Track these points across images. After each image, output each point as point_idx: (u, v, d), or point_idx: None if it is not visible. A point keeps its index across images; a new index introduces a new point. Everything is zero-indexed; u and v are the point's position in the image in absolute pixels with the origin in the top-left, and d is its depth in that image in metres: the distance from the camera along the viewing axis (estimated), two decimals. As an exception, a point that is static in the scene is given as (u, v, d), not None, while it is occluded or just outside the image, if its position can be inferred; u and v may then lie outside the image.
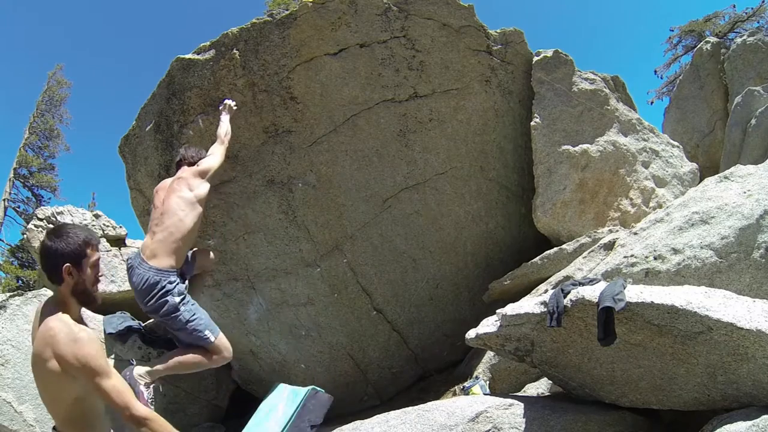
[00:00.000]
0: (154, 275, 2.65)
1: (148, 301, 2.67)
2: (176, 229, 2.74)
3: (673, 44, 15.13)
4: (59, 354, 1.57)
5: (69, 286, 1.71)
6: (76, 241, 1.71)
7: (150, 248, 2.73)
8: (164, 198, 2.91)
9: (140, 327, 5.23)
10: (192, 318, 2.73)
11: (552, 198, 4.21)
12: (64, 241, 1.69)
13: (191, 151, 3.15)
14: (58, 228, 1.75)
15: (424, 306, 4.26)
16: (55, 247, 1.68)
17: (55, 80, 16.81)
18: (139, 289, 2.69)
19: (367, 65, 3.65)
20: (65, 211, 6.80)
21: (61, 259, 1.68)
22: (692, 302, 1.79)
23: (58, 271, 1.68)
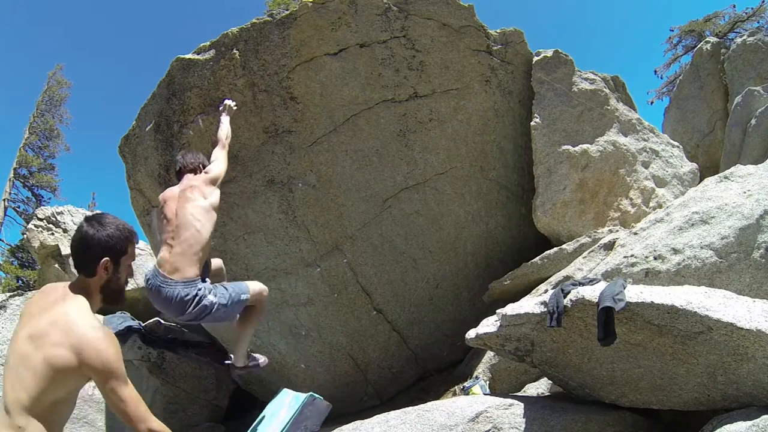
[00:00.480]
0: (183, 288, 2.61)
1: (185, 314, 2.64)
2: (195, 241, 2.69)
3: (673, 44, 15.13)
4: (78, 346, 1.40)
5: (101, 280, 1.56)
6: (120, 235, 1.56)
7: (170, 263, 2.65)
8: (176, 209, 2.77)
9: (140, 327, 5.23)
10: (227, 299, 2.73)
11: (552, 198, 4.21)
12: (107, 233, 1.54)
13: (190, 157, 3.03)
14: (99, 216, 1.59)
15: (424, 306, 4.26)
16: (98, 237, 1.52)
17: (55, 80, 16.81)
18: (173, 305, 2.63)
19: (367, 65, 3.65)
20: (65, 211, 6.80)
21: (102, 251, 1.53)
22: (692, 302, 1.79)
23: (94, 263, 1.52)
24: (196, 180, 2.91)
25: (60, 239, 6.44)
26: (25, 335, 1.45)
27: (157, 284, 2.64)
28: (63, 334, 1.41)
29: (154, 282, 2.67)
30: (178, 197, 2.84)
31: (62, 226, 6.58)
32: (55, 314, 1.46)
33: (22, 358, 1.42)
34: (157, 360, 4.95)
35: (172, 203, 2.84)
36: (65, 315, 1.46)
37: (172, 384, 4.92)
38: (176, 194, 2.86)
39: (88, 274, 1.55)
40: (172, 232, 2.73)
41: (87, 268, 1.55)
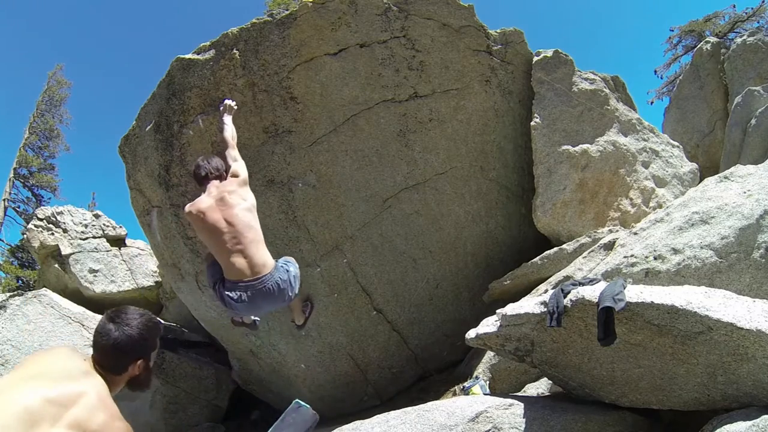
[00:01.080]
0: (277, 275, 2.75)
1: (292, 292, 2.82)
2: (259, 237, 2.82)
3: (673, 44, 15.13)
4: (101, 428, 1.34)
5: (130, 376, 1.52)
6: (150, 334, 1.52)
7: (254, 264, 2.72)
8: (225, 218, 2.78)
9: (140, 327, 5.23)
10: (294, 264, 2.95)
11: (552, 198, 4.21)
12: (139, 333, 1.49)
13: (215, 163, 3.00)
14: (124, 316, 1.51)
15: (424, 306, 4.26)
16: (132, 340, 1.47)
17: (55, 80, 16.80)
18: (278, 294, 2.76)
19: (367, 65, 3.65)
20: (65, 211, 6.80)
21: (136, 354, 1.49)
22: (692, 302, 1.79)
23: (127, 364, 1.48)
24: (230, 185, 2.91)
25: (60, 239, 6.44)
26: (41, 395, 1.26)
27: (255, 288, 2.69)
28: (92, 410, 1.31)
29: (249, 289, 2.70)
30: (217, 206, 2.82)
31: (62, 226, 6.58)
32: (83, 386, 1.34)
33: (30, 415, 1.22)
34: (157, 360, 4.94)
35: (213, 213, 2.81)
36: (96, 392, 1.36)
37: (172, 384, 4.92)
38: (213, 204, 2.83)
39: (116, 372, 1.49)
40: (234, 239, 2.75)
41: (116, 368, 1.48)
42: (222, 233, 2.75)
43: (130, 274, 6.50)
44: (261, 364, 4.48)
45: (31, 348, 4.47)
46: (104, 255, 6.48)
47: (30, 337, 4.58)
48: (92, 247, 6.47)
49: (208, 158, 3.05)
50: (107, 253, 6.53)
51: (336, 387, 4.27)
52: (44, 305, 4.82)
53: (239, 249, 2.72)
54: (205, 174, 2.95)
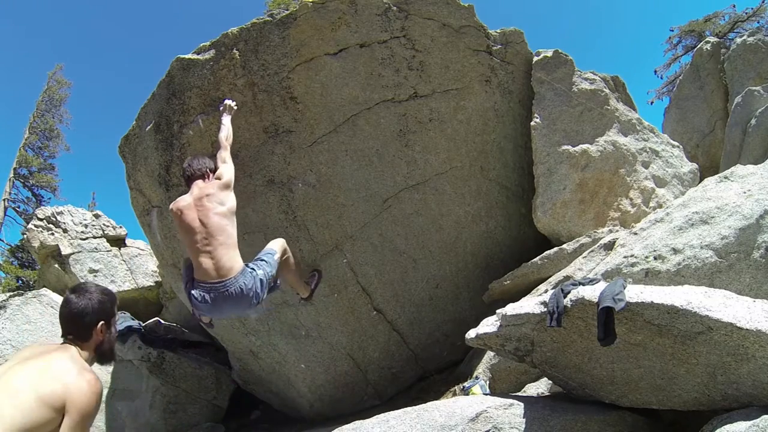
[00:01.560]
0: (242, 279, 2.75)
1: (257, 298, 2.81)
2: (231, 241, 2.84)
3: (673, 44, 15.13)
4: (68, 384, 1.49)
5: (96, 343, 1.71)
6: (108, 299, 1.75)
7: (220, 267, 2.75)
8: (200, 218, 2.84)
9: (140, 327, 5.24)
10: (269, 265, 2.93)
11: (552, 198, 4.21)
12: (98, 298, 1.72)
13: (196, 163, 3.06)
14: (83, 286, 1.76)
15: (424, 306, 4.26)
16: (91, 304, 1.69)
17: (55, 80, 16.80)
18: (243, 299, 2.76)
19: (367, 65, 3.65)
20: (65, 211, 6.80)
21: (97, 316, 1.70)
22: (692, 302, 1.79)
23: (91, 328, 1.69)
24: (210, 187, 2.94)
25: (60, 239, 6.44)
26: (17, 372, 1.50)
27: (218, 291, 2.72)
28: (57, 376, 1.50)
29: (211, 295, 2.73)
30: (195, 206, 2.87)
31: (62, 226, 6.58)
32: (49, 361, 1.55)
33: (10, 392, 1.45)
34: (157, 360, 4.95)
35: (190, 212, 2.88)
36: (60, 362, 1.55)
37: (172, 384, 4.92)
38: (192, 203, 2.90)
39: (83, 338, 1.69)
40: (205, 240, 2.80)
41: (82, 334, 1.68)
42: (195, 233, 2.81)
43: (130, 274, 6.50)
44: (261, 364, 4.48)
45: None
46: (104, 255, 6.48)
47: (30, 337, 4.58)
48: (92, 247, 6.47)
49: (197, 157, 3.11)
50: (107, 253, 6.53)
51: (336, 387, 4.27)
52: (44, 305, 4.82)
53: (208, 250, 2.76)
54: (189, 174, 3.03)
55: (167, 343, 5.23)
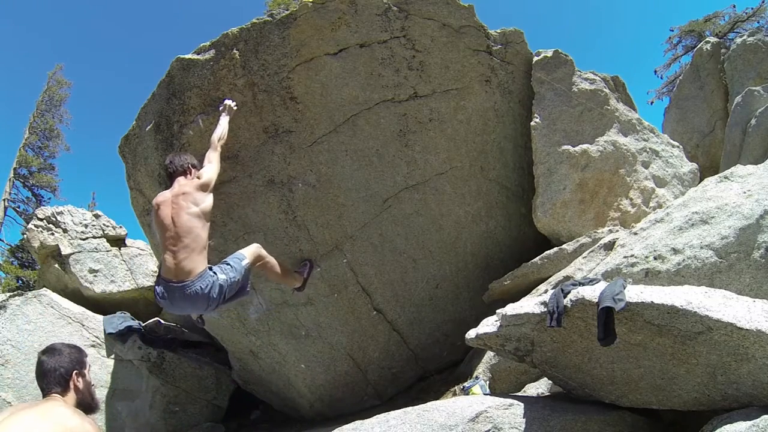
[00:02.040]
0: (199, 283, 2.77)
1: (211, 302, 2.82)
2: (196, 244, 2.84)
3: (673, 44, 15.13)
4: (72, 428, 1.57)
5: (75, 394, 1.82)
6: (76, 352, 1.91)
7: (180, 268, 2.77)
8: (172, 216, 2.86)
9: (140, 327, 5.24)
10: (235, 271, 2.93)
11: (552, 198, 4.21)
12: (67, 352, 1.87)
13: (178, 160, 3.08)
14: (50, 347, 1.91)
15: (424, 306, 4.26)
16: (62, 359, 1.83)
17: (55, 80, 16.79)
18: (198, 302, 2.80)
19: (367, 65, 3.65)
20: (65, 211, 6.80)
21: (70, 367, 1.83)
22: (692, 302, 1.79)
23: (67, 380, 1.81)
24: (188, 186, 2.96)
25: (60, 239, 6.43)
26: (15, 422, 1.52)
27: (173, 295, 2.76)
28: (60, 418, 1.57)
29: (171, 294, 2.77)
30: (171, 203, 2.91)
31: (62, 226, 6.58)
32: (47, 406, 1.64)
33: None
34: (157, 360, 4.95)
35: (165, 208, 2.92)
36: (53, 409, 1.63)
37: (172, 384, 4.92)
38: (169, 199, 2.94)
39: (59, 390, 1.80)
40: (172, 239, 2.83)
41: (60, 387, 1.80)
42: (166, 229, 2.86)
43: (130, 274, 6.50)
44: (261, 364, 4.48)
45: (31, 348, 4.47)
46: (104, 255, 6.47)
47: (30, 337, 4.58)
48: (92, 247, 6.46)
49: (174, 156, 3.13)
50: (107, 253, 6.53)
51: (336, 387, 4.27)
52: (44, 305, 4.82)
53: (173, 249, 2.80)
54: (170, 171, 3.08)
55: (167, 343, 5.23)
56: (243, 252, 3.09)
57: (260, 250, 3.21)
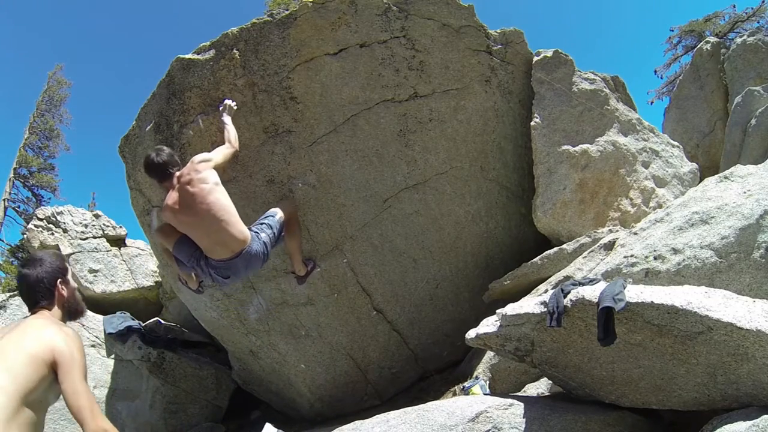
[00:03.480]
0: (255, 246, 2.96)
1: (264, 259, 3.07)
2: (231, 215, 2.91)
3: (673, 44, 15.13)
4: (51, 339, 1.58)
5: (62, 302, 1.81)
6: (56, 260, 1.86)
7: (232, 242, 2.89)
8: (195, 207, 2.87)
9: (140, 327, 5.24)
10: (271, 229, 3.12)
11: (552, 198, 4.21)
12: (48, 262, 1.82)
13: (164, 155, 3.04)
14: (31, 258, 1.87)
15: (424, 306, 4.26)
16: (44, 269, 1.79)
17: (55, 80, 16.78)
18: (252, 264, 3.02)
19: (367, 65, 3.65)
20: (65, 211, 6.80)
21: (53, 277, 1.80)
22: (692, 302, 1.79)
23: (52, 289, 1.79)
24: (190, 173, 2.95)
25: (60, 239, 6.44)
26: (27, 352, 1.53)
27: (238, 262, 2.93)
28: (37, 333, 1.59)
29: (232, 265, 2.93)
30: (183, 197, 2.91)
31: (62, 226, 6.58)
32: (24, 326, 1.64)
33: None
34: (157, 360, 4.95)
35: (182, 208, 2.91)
36: (34, 322, 1.66)
37: (172, 384, 4.93)
38: (177, 197, 2.94)
39: (49, 302, 1.79)
40: (207, 226, 2.88)
41: (45, 297, 1.79)
42: (197, 225, 2.95)
43: (130, 274, 6.50)
44: (261, 364, 4.49)
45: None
46: (104, 255, 6.47)
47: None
48: (92, 247, 6.46)
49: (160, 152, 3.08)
50: (107, 253, 6.53)
51: (336, 387, 4.27)
52: (44, 305, 4.82)
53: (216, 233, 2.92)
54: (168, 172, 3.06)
55: (167, 343, 5.23)
56: (276, 209, 3.27)
57: (293, 207, 3.42)
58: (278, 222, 3.19)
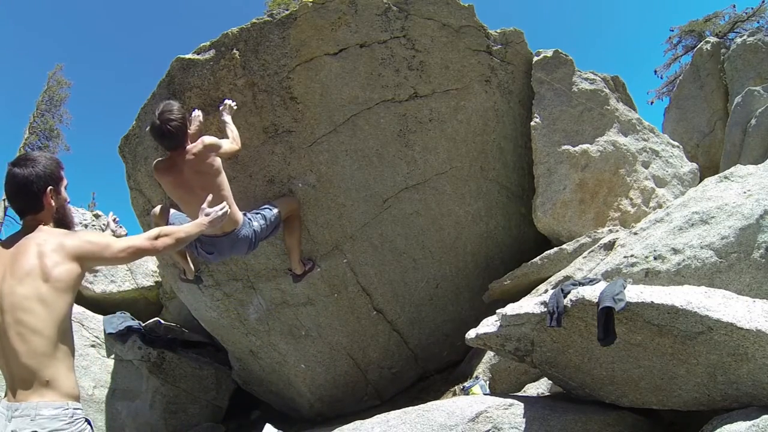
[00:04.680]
0: (244, 230, 3.09)
1: (251, 247, 3.19)
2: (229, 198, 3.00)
3: (673, 44, 15.13)
4: (71, 249, 1.51)
5: (50, 211, 1.65)
6: (52, 163, 1.67)
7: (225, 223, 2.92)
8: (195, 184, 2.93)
9: (140, 327, 5.24)
10: (265, 219, 3.22)
11: (552, 198, 4.21)
12: (42, 164, 1.63)
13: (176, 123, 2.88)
14: (25, 156, 1.66)
15: (424, 306, 4.26)
16: (35, 171, 1.60)
17: (55, 80, 16.79)
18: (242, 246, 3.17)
19: (367, 65, 3.65)
20: (65, 211, 6.79)
21: (44, 183, 1.62)
22: (692, 302, 1.79)
23: (40, 196, 1.61)
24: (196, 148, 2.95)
25: (60, 239, 6.43)
26: (11, 286, 1.46)
27: (225, 241, 3.05)
28: (54, 254, 1.50)
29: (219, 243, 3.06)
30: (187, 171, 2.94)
31: (62, 226, 6.58)
32: (33, 250, 1.51)
33: (19, 305, 1.43)
34: (157, 360, 4.95)
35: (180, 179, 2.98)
36: (43, 243, 1.53)
37: (172, 384, 4.92)
38: (181, 174, 2.97)
39: (36, 210, 1.63)
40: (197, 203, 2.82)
41: (34, 204, 1.63)
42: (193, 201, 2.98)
43: (130, 274, 6.50)
44: (261, 364, 4.49)
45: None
46: (104, 255, 6.46)
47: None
48: (92, 247, 6.45)
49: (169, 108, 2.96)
50: (107, 253, 6.52)
51: (336, 387, 4.27)
52: (44, 305, 4.82)
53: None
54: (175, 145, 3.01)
55: (167, 343, 5.23)
56: (276, 203, 3.36)
57: (294, 205, 3.48)
58: (274, 216, 3.25)
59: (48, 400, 1.37)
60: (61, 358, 1.45)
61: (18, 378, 1.39)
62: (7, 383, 1.43)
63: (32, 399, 1.36)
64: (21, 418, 1.33)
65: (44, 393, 1.38)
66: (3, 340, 1.42)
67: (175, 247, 1.99)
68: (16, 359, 1.39)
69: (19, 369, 1.38)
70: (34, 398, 1.36)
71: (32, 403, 1.35)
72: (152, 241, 1.77)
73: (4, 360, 1.42)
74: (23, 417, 1.33)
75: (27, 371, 1.38)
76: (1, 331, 1.42)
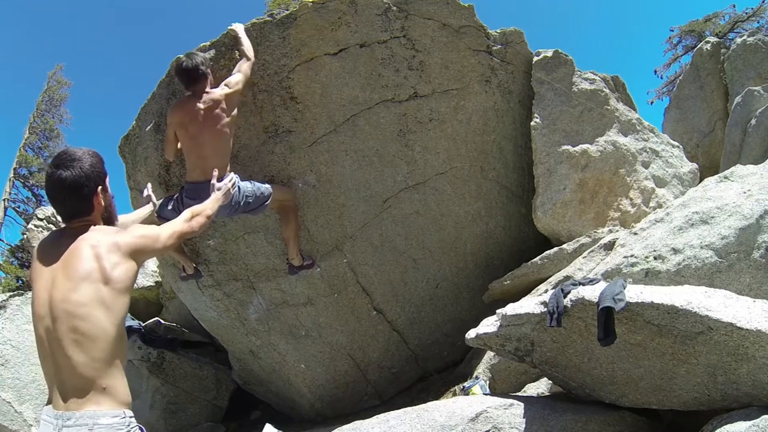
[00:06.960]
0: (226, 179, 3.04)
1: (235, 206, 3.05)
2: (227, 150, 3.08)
3: (673, 44, 15.13)
4: (125, 247, 1.46)
5: (100, 211, 1.57)
6: (96, 160, 1.54)
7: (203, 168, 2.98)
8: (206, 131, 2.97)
9: (140, 327, 5.24)
10: (251, 186, 3.16)
11: (552, 198, 4.21)
12: (88, 164, 1.50)
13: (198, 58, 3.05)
14: (65, 156, 1.51)
15: (424, 306, 4.26)
16: (83, 173, 1.47)
17: (55, 80, 16.79)
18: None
19: (367, 65, 3.65)
20: (65, 211, 6.79)
21: (93, 182, 1.51)
22: (692, 302, 1.79)
23: (91, 198, 1.51)
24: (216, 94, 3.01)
25: (60, 239, 6.43)
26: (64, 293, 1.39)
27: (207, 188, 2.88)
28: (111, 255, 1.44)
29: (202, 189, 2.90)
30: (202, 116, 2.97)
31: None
32: (87, 253, 1.43)
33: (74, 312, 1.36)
34: (157, 360, 4.95)
35: (194, 124, 2.99)
36: (98, 245, 1.45)
37: (172, 384, 4.92)
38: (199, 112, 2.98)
39: (87, 213, 1.53)
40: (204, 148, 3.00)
41: (86, 208, 1.52)
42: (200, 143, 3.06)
43: (130, 274, 6.49)
44: (261, 364, 4.48)
45: (31, 348, 4.47)
46: (104, 255, 6.47)
47: (30, 337, 4.58)
48: (92, 247, 6.46)
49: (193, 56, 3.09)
50: (107, 253, 6.52)
51: (336, 387, 4.27)
52: (44, 305, 4.82)
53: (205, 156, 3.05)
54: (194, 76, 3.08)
55: (167, 343, 5.23)
56: (272, 187, 3.29)
57: (288, 196, 3.45)
58: (265, 189, 3.21)
59: (105, 408, 1.32)
60: (117, 364, 1.42)
61: (70, 386, 1.33)
62: (55, 391, 1.35)
63: (88, 407, 1.30)
64: (76, 427, 1.27)
65: (101, 401, 1.32)
66: (55, 348, 1.35)
67: (207, 225, 2.05)
68: (70, 368, 1.33)
69: (74, 377, 1.33)
70: (91, 407, 1.30)
71: (89, 412, 1.29)
72: (189, 222, 1.84)
73: (55, 368, 1.35)
74: (79, 426, 1.27)
75: (83, 380, 1.32)
76: (53, 339, 1.36)
